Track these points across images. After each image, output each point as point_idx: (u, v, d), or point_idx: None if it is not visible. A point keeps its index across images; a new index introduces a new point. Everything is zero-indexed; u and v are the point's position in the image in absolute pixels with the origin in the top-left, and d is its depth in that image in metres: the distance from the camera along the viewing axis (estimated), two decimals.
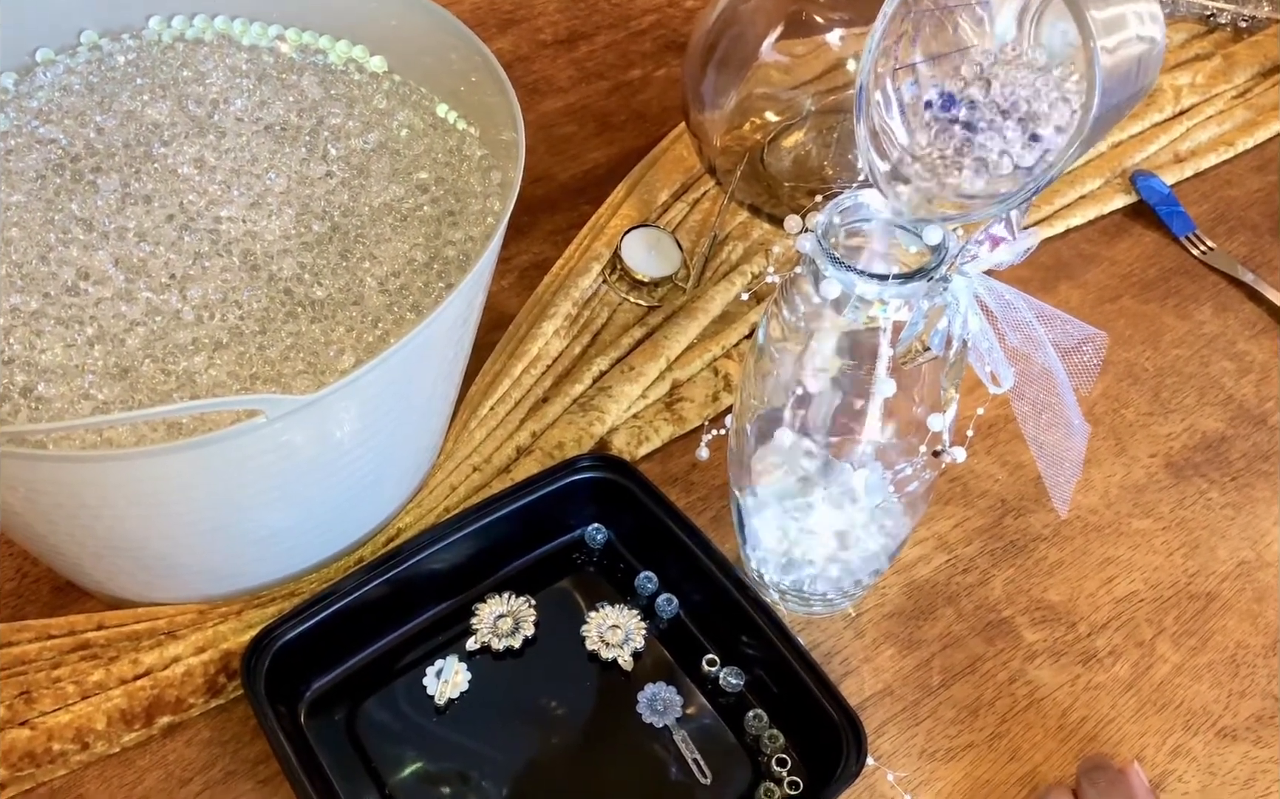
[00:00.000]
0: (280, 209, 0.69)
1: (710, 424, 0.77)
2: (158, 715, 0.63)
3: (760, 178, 0.89)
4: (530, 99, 1.02)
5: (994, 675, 0.68)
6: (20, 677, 0.63)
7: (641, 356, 0.80)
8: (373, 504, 0.69)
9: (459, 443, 0.75)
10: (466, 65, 0.73)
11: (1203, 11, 1.10)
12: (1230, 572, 0.73)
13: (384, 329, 0.65)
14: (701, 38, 0.87)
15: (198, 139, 0.72)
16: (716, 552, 0.67)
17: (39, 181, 0.70)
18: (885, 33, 0.53)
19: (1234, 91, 1.04)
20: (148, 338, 0.63)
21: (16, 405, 0.61)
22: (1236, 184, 0.98)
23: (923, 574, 0.72)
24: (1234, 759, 0.65)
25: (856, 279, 0.54)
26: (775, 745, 0.63)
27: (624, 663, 0.66)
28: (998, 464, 0.77)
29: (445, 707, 0.64)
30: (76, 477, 0.56)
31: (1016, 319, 0.56)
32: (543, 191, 0.94)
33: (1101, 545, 0.74)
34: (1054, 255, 0.91)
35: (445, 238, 0.69)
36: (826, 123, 0.89)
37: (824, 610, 0.69)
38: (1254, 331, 0.86)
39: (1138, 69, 0.52)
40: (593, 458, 0.71)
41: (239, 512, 0.61)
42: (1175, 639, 0.70)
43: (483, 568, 0.69)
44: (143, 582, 0.65)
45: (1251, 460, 0.78)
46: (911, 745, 0.65)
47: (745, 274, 0.85)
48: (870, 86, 0.54)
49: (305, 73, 0.77)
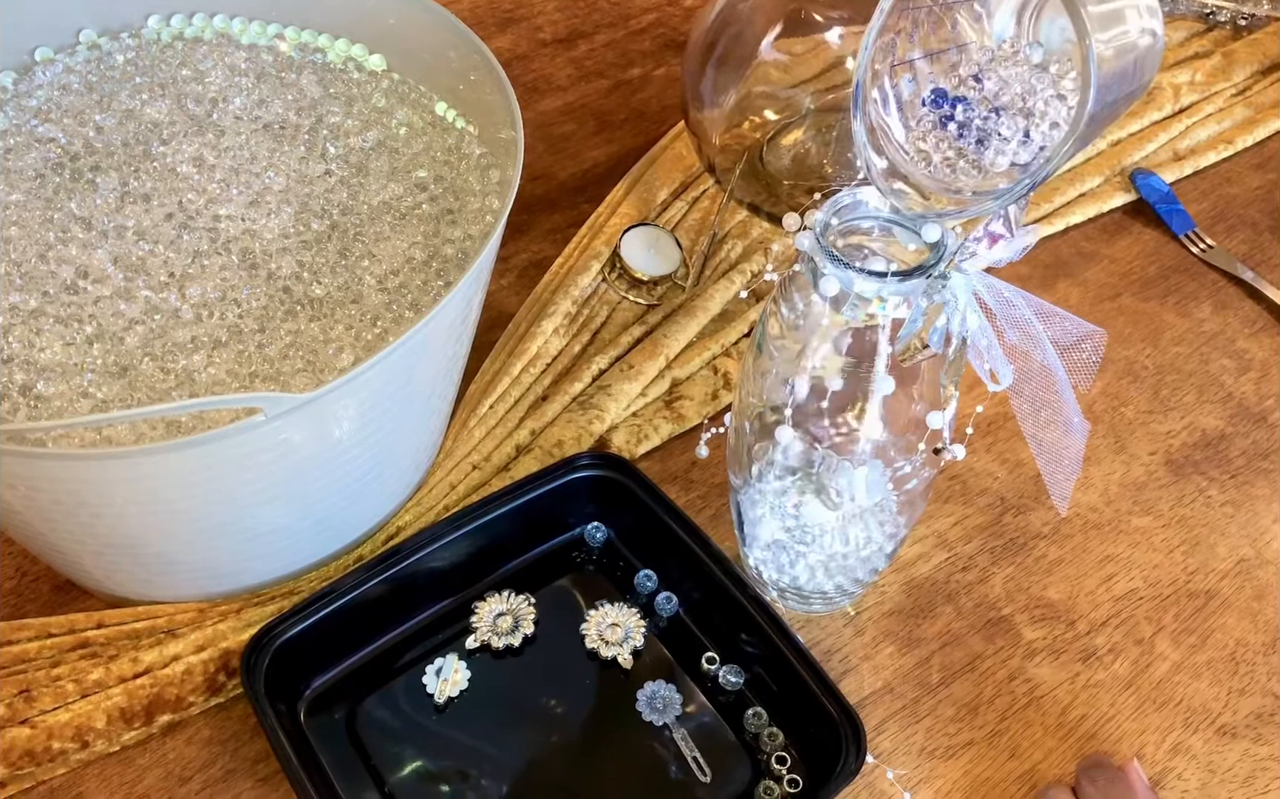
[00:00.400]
0: (279, 207, 0.69)
1: (709, 422, 0.77)
2: (157, 714, 0.63)
3: (759, 176, 0.89)
4: (529, 97, 1.02)
5: (993, 673, 0.68)
6: (20, 675, 0.63)
7: (641, 355, 0.80)
8: (372, 502, 0.69)
9: (458, 441, 0.75)
10: (465, 64, 0.73)
11: (1202, 9, 1.10)
12: (1230, 569, 0.73)
13: (383, 327, 0.65)
14: (701, 36, 0.87)
15: (196, 138, 0.72)
16: (716, 550, 0.67)
17: (38, 180, 0.70)
18: (882, 29, 0.53)
19: (1233, 89, 1.04)
20: (147, 336, 0.63)
21: (16, 404, 0.61)
22: (1236, 182, 0.98)
23: (922, 572, 0.72)
24: (1233, 757, 0.65)
25: (855, 277, 0.54)
26: (775, 743, 0.63)
27: (623, 661, 0.66)
28: (997, 462, 0.77)
29: (445, 705, 0.64)
30: (76, 475, 0.56)
31: (1015, 316, 0.56)
32: (542, 190, 0.94)
33: (1101, 543, 0.74)
34: (1053, 253, 0.91)
35: (444, 236, 0.69)
36: (826, 121, 0.89)
37: (823, 608, 0.69)
38: (1253, 329, 0.86)
39: (1135, 67, 0.52)
40: (592, 456, 0.71)
41: (238, 510, 0.61)
42: (1175, 637, 0.70)
43: (482, 566, 0.69)
44: (142, 580, 0.65)
45: (1251, 458, 0.78)
46: (911, 743, 0.65)
47: (745, 272, 0.85)
48: (867, 83, 0.54)
49: (304, 71, 0.77)
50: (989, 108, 0.53)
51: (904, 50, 0.55)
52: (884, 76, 0.55)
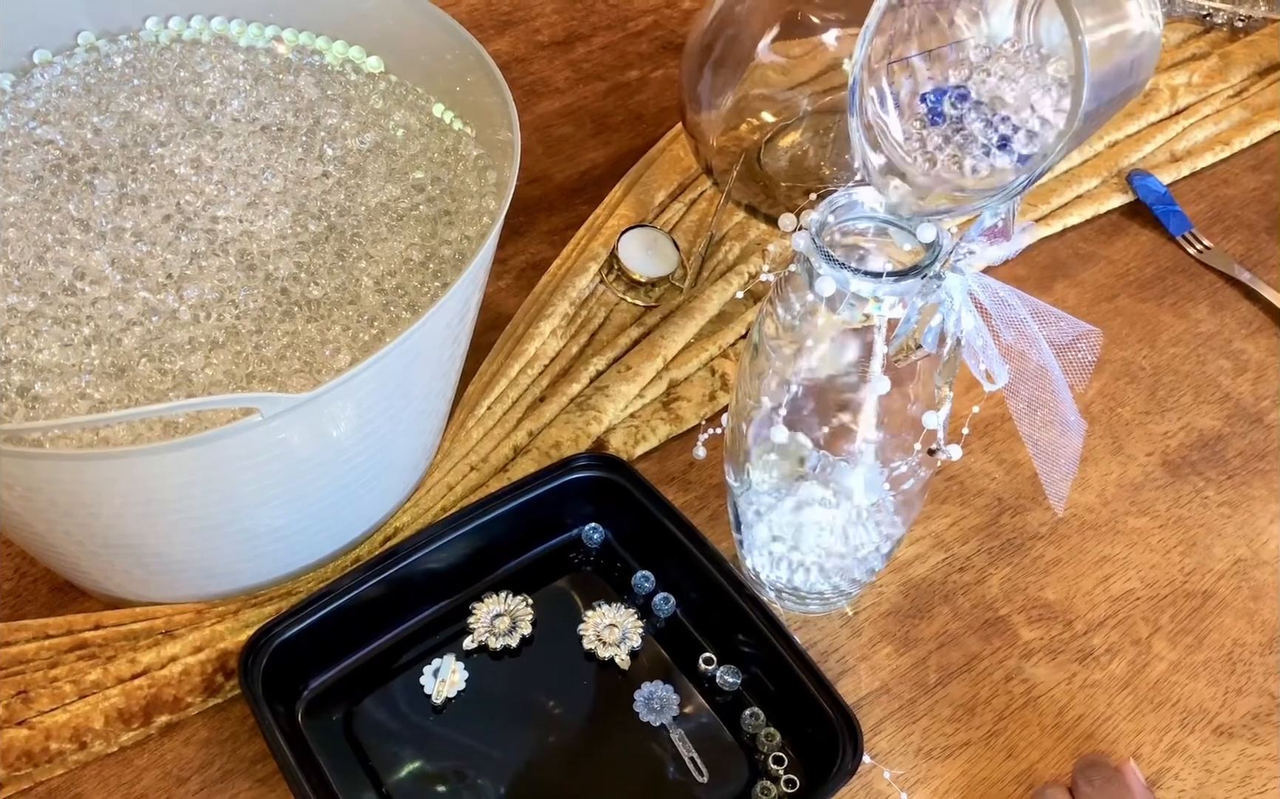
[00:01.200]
0: (277, 209, 0.69)
1: (707, 423, 0.77)
2: (155, 715, 0.63)
3: (757, 178, 0.89)
4: (527, 100, 1.03)
5: (990, 674, 0.68)
6: (18, 676, 0.63)
7: (638, 356, 0.80)
8: (370, 503, 0.69)
9: (456, 442, 0.75)
10: (463, 65, 0.73)
11: (1199, 11, 1.10)
12: (1227, 570, 0.73)
13: (380, 328, 0.65)
14: (698, 38, 0.87)
15: (194, 139, 0.72)
16: (713, 550, 0.67)
17: (36, 182, 0.70)
18: (878, 27, 0.53)
19: (1230, 91, 1.04)
20: (144, 337, 0.64)
21: (14, 404, 0.61)
22: (1233, 183, 0.98)
23: (919, 572, 0.72)
24: (1230, 756, 0.65)
25: (851, 277, 0.54)
26: (772, 744, 0.63)
27: (621, 662, 0.66)
28: (994, 462, 0.77)
29: (442, 706, 0.64)
30: (73, 475, 0.56)
31: (1011, 316, 0.56)
32: (540, 192, 0.94)
33: (1098, 544, 0.74)
34: (1051, 254, 0.91)
35: (441, 237, 0.69)
36: (823, 123, 0.89)
37: (820, 609, 0.69)
38: (1250, 330, 0.86)
39: (1131, 65, 0.52)
40: (590, 457, 0.71)
41: (236, 510, 0.61)
42: (1172, 637, 0.70)
43: (480, 567, 0.69)
44: (140, 581, 0.65)
45: (1248, 459, 0.78)
46: (908, 743, 0.65)
47: (742, 274, 0.86)
48: (864, 81, 0.54)
49: (302, 73, 0.77)
50: (985, 106, 0.53)
51: (901, 48, 0.55)
52: (881, 75, 0.55)
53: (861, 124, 0.55)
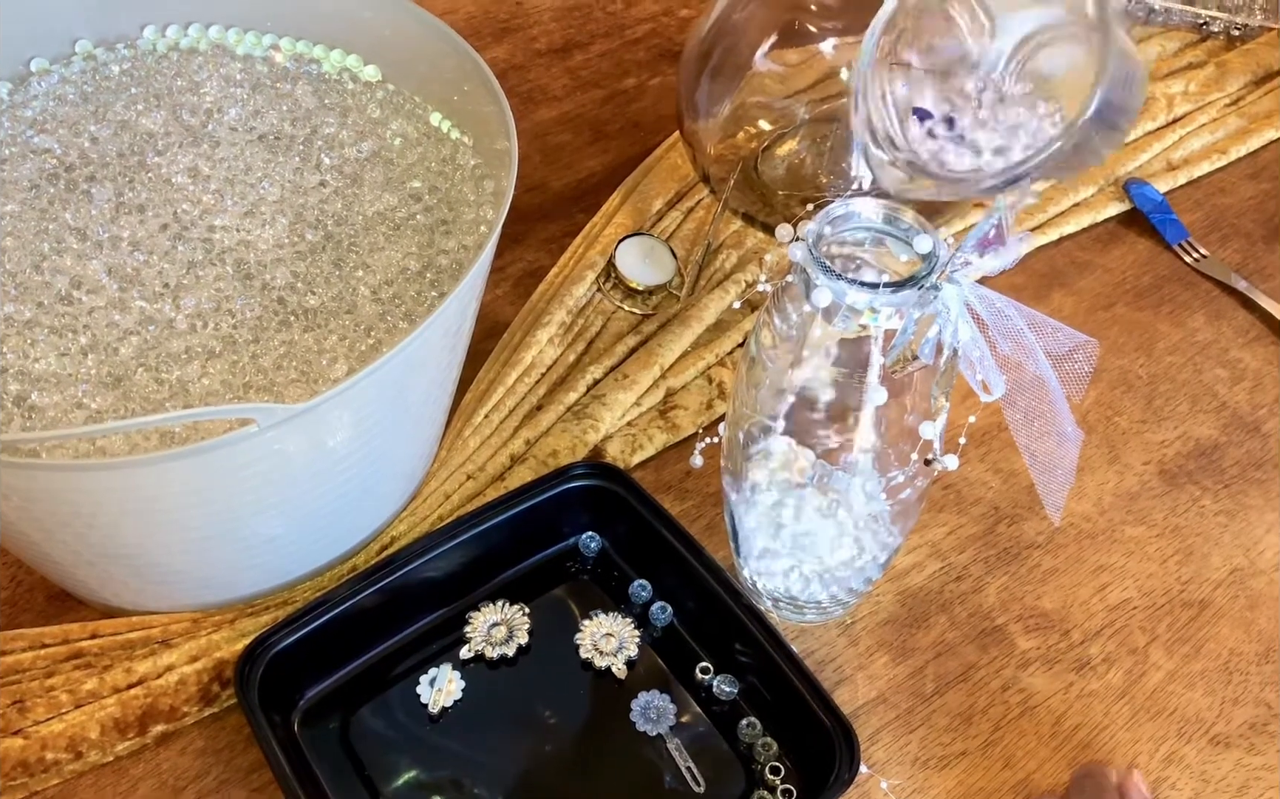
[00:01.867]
0: (274, 218, 0.69)
1: (704, 432, 0.77)
2: (151, 724, 0.63)
3: (754, 186, 0.89)
4: (525, 108, 1.03)
5: (987, 683, 0.68)
6: (14, 685, 0.63)
7: (635, 365, 0.80)
8: (366, 512, 0.69)
9: (453, 451, 0.75)
10: (460, 74, 0.73)
11: (1195, 20, 1.10)
12: (1223, 579, 0.73)
13: (377, 338, 0.65)
14: (695, 46, 0.87)
15: (192, 148, 0.72)
16: (710, 560, 0.67)
17: (33, 191, 0.70)
18: (886, 27, 0.54)
19: (1227, 99, 1.04)
20: (141, 347, 0.63)
21: (10, 414, 0.61)
22: (1230, 192, 0.98)
23: (916, 582, 0.72)
24: (1227, 766, 0.65)
25: (847, 288, 0.54)
26: (768, 753, 0.63)
27: (617, 671, 0.66)
28: (991, 472, 0.77)
29: (439, 715, 0.64)
30: (70, 485, 0.56)
31: (1008, 327, 0.56)
32: (537, 200, 0.94)
33: (1095, 553, 0.74)
34: (1047, 263, 0.91)
35: (438, 246, 0.69)
36: (820, 131, 0.89)
37: (817, 618, 0.69)
38: (1247, 339, 0.86)
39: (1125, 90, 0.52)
40: (587, 466, 0.71)
41: (232, 520, 0.61)
42: (1168, 647, 0.70)
43: (477, 576, 0.69)
44: (136, 590, 0.65)
45: (1245, 468, 0.79)
46: (905, 753, 0.65)
47: (739, 282, 0.86)
48: (868, 78, 0.55)
49: (299, 82, 0.77)
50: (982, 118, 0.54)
51: (904, 50, 0.56)
52: (883, 74, 0.56)
53: (864, 120, 0.55)
